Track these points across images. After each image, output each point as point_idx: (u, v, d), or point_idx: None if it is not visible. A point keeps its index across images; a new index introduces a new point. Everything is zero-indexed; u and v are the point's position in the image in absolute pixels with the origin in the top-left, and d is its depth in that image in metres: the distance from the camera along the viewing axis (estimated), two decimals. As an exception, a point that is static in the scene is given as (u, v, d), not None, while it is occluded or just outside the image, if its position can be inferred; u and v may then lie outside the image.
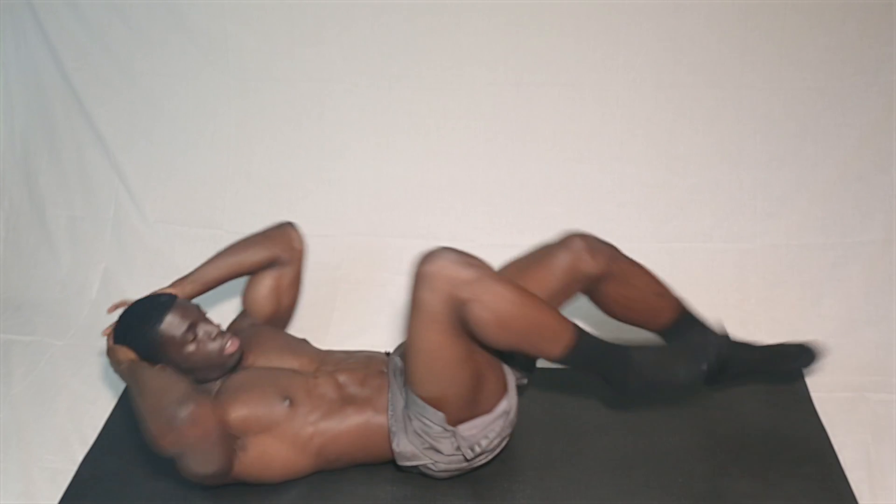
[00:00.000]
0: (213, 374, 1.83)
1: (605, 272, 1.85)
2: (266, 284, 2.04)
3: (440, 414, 1.72)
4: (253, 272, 2.03)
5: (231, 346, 1.81)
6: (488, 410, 1.76)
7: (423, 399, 1.72)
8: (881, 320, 2.26)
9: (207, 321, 1.83)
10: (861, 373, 2.15)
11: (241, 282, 2.07)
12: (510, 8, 2.33)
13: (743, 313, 2.32)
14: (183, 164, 2.51)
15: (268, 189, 2.49)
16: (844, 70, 2.32)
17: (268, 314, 2.04)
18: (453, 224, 2.45)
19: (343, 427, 1.80)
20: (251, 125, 2.48)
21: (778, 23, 2.30)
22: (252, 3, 2.38)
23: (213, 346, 1.80)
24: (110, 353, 1.84)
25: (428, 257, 1.64)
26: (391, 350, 2.00)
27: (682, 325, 1.92)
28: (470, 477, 1.85)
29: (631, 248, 2.40)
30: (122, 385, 2.19)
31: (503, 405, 1.78)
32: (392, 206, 2.47)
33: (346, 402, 1.81)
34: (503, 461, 1.88)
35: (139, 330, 1.79)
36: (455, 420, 1.74)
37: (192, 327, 1.79)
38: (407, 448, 1.77)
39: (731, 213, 2.40)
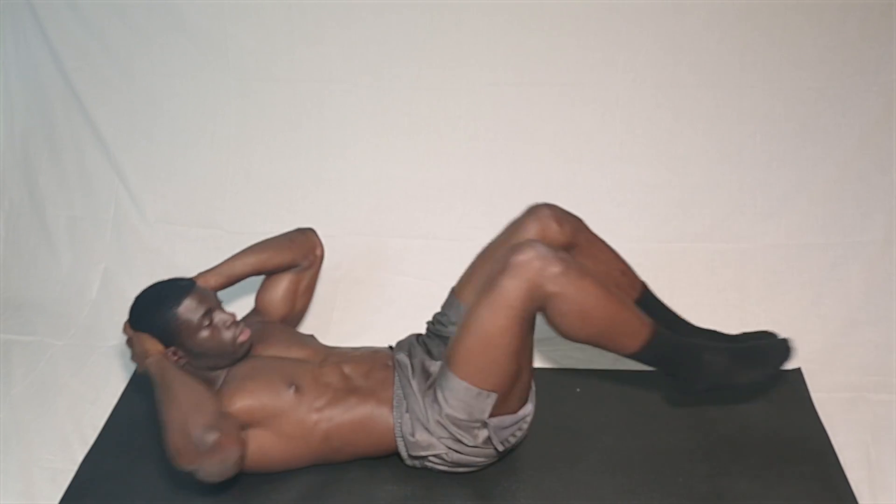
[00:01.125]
0: (222, 362, 1.84)
1: (571, 241, 1.89)
2: (283, 287, 2.07)
3: (494, 396, 1.72)
4: (274, 272, 2.07)
5: (243, 335, 1.84)
6: (514, 411, 1.79)
7: (468, 384, 1.72)
8: (881, 320, 2.26)
9: (223, 310, 1.85)
10: (861, 373, 2.15)
11: (253, 282, 2.08)
12: (510, 8, 2.33)
13: (743, 313, 2.32)
14: (183, 164, 2.51)
15: (268, 189, 2.49)
16: (844, 70, 2.32)
17: (280, 316, 2.07)
18: (453, 224, 2.45)
19: (347, 416, 1.81)
20: (251, 125, 2.48)
21: (778, 23, 2.30)
22: (252, 3, 2.38)
23: (227, 334, 1.82)
24: (132, 342, 1.83)
25: (518, 247, 1.67)
26: (393, 344, 2.01)
27: (643, 306, 1.91)
28: (470, 477, 1.85)
29: (631, 248, 2.40)
30: (122, 385, 2.19)
31: (527, 408, 1.82)
32: (392, 206, 2.47)
33: (351, 391, 1.83)
34: (503, 461, 1.88)
35: (156, 311, 1.80)
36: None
37: (208, 313, 1.81)
38: (423, 438, 1.78)
39: (731, 213, 2.40)
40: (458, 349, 1.73)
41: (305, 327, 2.29)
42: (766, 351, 1.83)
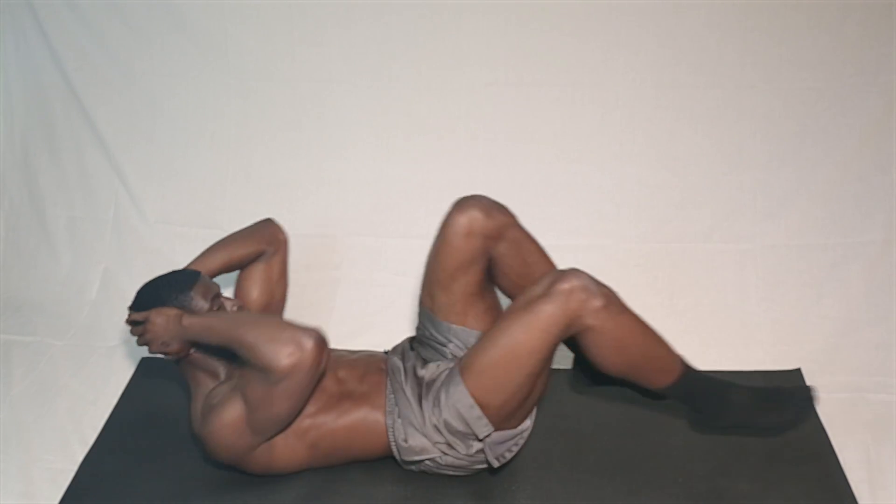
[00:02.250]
0: (228, 353, 1.81)
1: (498, 233, 1.85)
2: (257, 278, 2.06)
3: (491, 428, 1.74)
4: (243, 265, 2.05)
5: (255, 306, 1.85)
6: (514, 426, 1.79)
7: (475, 398, 1.73)
8: (881, 320, 2.26)
9: (227, 297, 1.85)
10: (861, 373, 2.15)
11: (229, 280, 2.08)
12: (510, 8, 2.33)
13: (743, 313, 2.32)
14: (183, 164, 2.51)
15: (268, 189, 2.49)
16: (844, 70, 2.32)
17: (262, 306, 2.05)
18: (453, 224, 2.45)
19: (340, 422, 1.81)
20: (251, 125, 2.48)
21: (778, 23, 2.30)
22: (252, 3, 2.38)
23: None
24: (151, 320, 1.77)
25: (563, 275, 1.69)
26: (388, 349, 2.01)
27: None
28: (470, 477, 1.85)
29: (631, 249, 2.41)
30: (122, 385, 2.19)
31: (526, 423, 1.82)
32: (392, 206, 2.47)
33: (344, 396, 1.83)
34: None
35: (169, 294, 1.79)
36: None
37: (216, 298, 1.82)
38: (417, 442, 1.78)
39: (731, 213, 2.40)
40: (478, 360, 1.73)
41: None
42: (789, 395, 1.85)
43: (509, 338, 1.69)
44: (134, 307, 1.83)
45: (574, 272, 1.70)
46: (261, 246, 2.04)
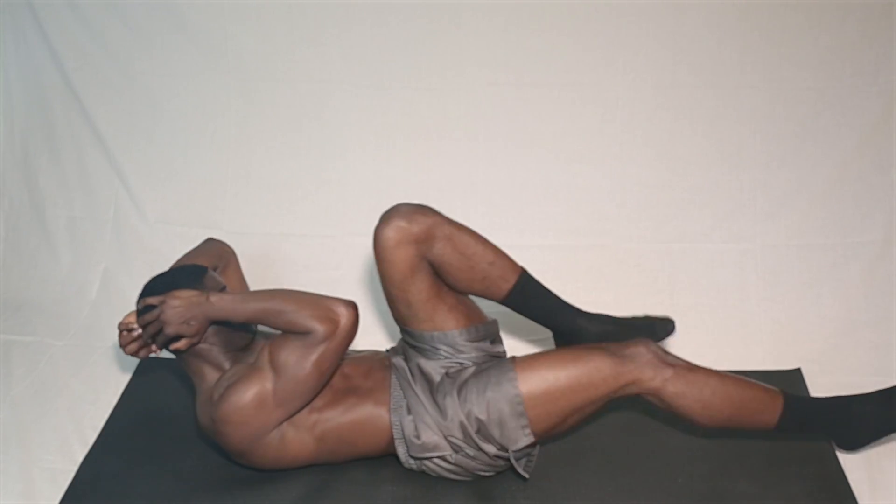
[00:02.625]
0: (240, 341, 1.83)
1: (426, 236, 1.82)
2: None
3: (531, 438, 1.76)
4: None
5: None
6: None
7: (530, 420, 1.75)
8: (881, 320, 2.26)
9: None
10: (861, 373, 2.15)
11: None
12: (510, 8, 2.33)
13: (743, 313, 2.32)
14: (183, 164, 2.51)
15: (268, 189, 2.49)
16: (844, 70, 2.32)
17: None
18: (453, 224, 2.45)
19: (346, 417, 1.81)
20: (251, 125, 2.48)
21: (778, 23, 2.30)
22: (252, 3, 2.38)
23: None
24: (167, 304, 1.73)
25: (630, 347, 1.74)
26: (388, 349, 2.01)
27: (521, 294, 1.90)
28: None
29: (631, 249, 2.41)
30: (122, 385, 2.19)
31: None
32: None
33: (350, 392, 1.83)
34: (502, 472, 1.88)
35: (184, 282, 1.78)
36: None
37: (223, 290, 1.82)
38: (430, 439, 1.78)
39: (731, 213, 2.40)
40: (540, 370, 1.75)
41: (305, 327, 2.29)
42: None
43: (582, 370, 1.73)
44: (142, 296, 1.80)
45: (641, 343, 1.75)
46: (211, 261, 2.02)
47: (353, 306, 1.72)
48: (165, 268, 2.42)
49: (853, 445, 1.82)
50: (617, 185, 2.42)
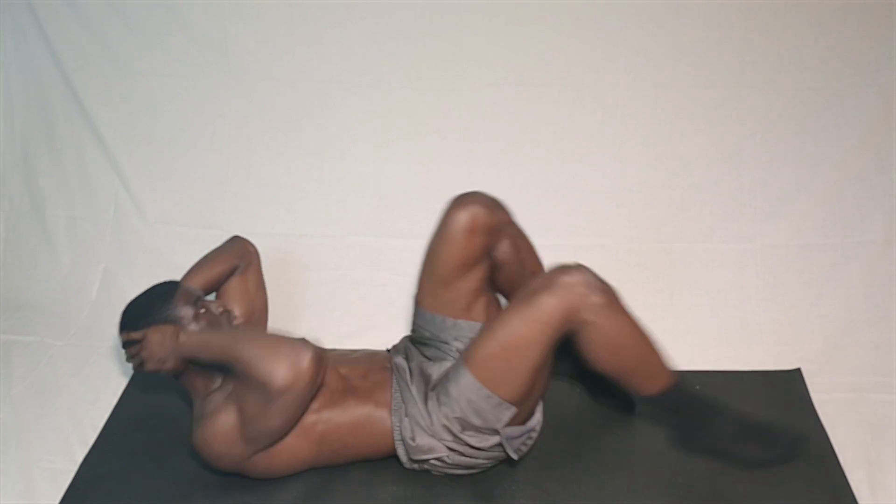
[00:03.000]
0: (218, 369, 1.82)
1: (498, 229, 1.88)
2: (235, 292, 2.07)
3: (513, 409, 1.73)
4: (220, 284, 2.06)
5: (239, 318, 1.87)
6: (522, 422, 1.80)
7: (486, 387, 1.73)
8: (881, 320, 2.26)
9: (210, 301, 1.87)
10: (861, 373, 2.15)
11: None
12: (510, 8, 2.33)
13: (743, 313, 2.32)
14: (183, 164, 2.51)
15: (268, 189, 2.49)
16: (844, 70, 2.32)
17: (243, 320, 2.06)
18: (453, 224, 2.45)
19: (345, 417, 1.81)
20: (251, 125, 2.48)
21: (778, 23, 2.30)
22: (252, 3, 2.38)
23: (223, 318, 1.84)
24: (147, 339, 1.78)
25: (567, 268, 1.70)
26: (390, 347, 2.01)
27: None
28: (470, 477, 1.85)
29: (631, 249, 2.41)
30: (122, 385, 2.19)
31: (536, 418, 1.83)
32: (392, 206, 2.47)
33: (348, 392, 1.83)
34: (503, 461, 1.88)
35: (153, 308, 1.81)
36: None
37: (198, 301, 1.83)
38: (425, 441, 1.78)
39: (731, 213, 2.40)
40: (480, 352, 1.74)
41: (304, 327, 2.29)
42: (777, 435, 1.85)
43: (509, 329, 1.70)
44: (123, 328, 1.84)
45: (577, 267, 1.71)
46: (233, 260, 2.06)
47: (314, 354, 1.64)
48: (166, 267, 2.44)
49: (687, 446, 1.84)
50: (617, 185, 2.42)
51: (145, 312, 1.82)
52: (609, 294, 1.70)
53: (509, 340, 1.70)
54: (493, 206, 1.88)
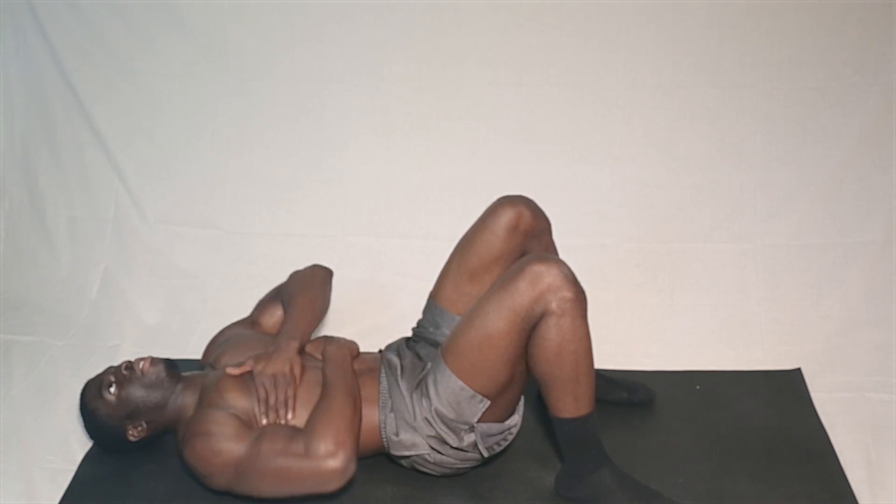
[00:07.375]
0: (165, 394, 1.83)
1: (538, 235, 1.89)
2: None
3: (487, 402, 1.72)
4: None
5: (145, 364, 1.83)
6: (500, 420, 1.78)
7: (462, 380, 1.72)
8: (881, 320, 2.26)
9: (117, 368, 1.84)
10: (861, 373, 2.15)
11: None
12: (510, 8, 2.33)
13: (743, 313, 2.32)
14: (183, 164, 2.51)
15: (268, 189, 2.49)
16: (844, 70, 2.32)
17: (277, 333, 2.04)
18: (453, 224, 2.44)
19: None
20: (251, 125, 2.48)
21: (778, 23, 2.30)
22: (252, 3, 2.38)
23: (133, 377, 1.82)
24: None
25: (543, 258, 1.67)
26: (383, 348, 2.01)
27: None
28: (470, 477, 1.85)
29: (631, 248, 2.41)
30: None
31: (514, 419, 1.80)
32: (392, 206, 2.47)
33: None
34: (504, 461, 1.88)
35: (96, 421, 1.84)
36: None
37: (106, 385, 1.82)
38: (407, 437, 1.77)
39: (731, 213, 2.40)
40: (457, 341, 1.73)
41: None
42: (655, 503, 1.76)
43: (483, 316, 1.68)
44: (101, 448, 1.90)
45: (557, 260, 1.67)
46: (312, 325, 1.99)
47: (351, 466, 1.67)
48: (165, 267, 2.44)
49: (561, 485, 1.78)
50: (617, 185, 2.42)
51: (100, 430, 1.86)
52: (580, 295, 1.65)
53: (483, 328, 1.67)
54: (538, 212, 1.90)
